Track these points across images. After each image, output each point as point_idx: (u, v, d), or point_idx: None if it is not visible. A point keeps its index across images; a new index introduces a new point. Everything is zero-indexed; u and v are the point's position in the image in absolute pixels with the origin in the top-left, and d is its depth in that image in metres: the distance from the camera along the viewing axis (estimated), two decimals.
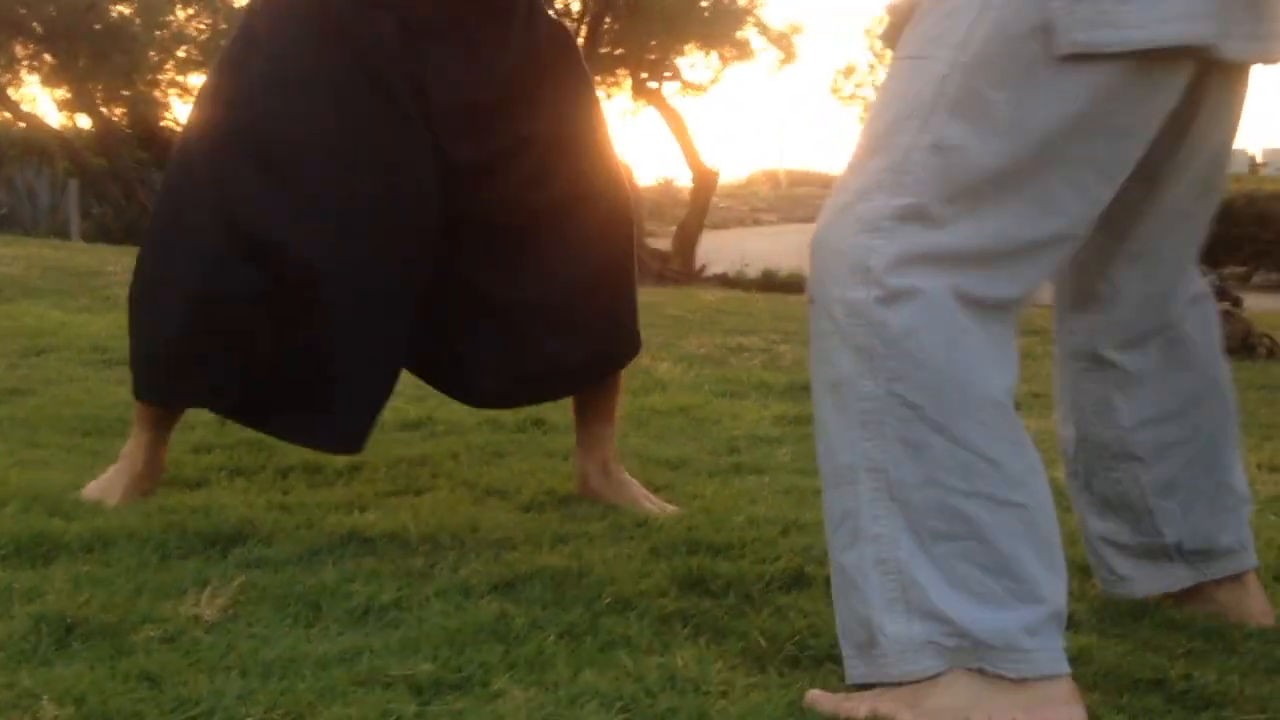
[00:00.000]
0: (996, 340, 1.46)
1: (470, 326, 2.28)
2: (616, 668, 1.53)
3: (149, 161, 17.39)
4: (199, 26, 18.15)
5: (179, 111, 18.35)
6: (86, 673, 1.47)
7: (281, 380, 2.17)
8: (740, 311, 6.62)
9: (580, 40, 16.85)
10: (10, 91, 17.52)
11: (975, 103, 1.45)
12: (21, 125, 18.14)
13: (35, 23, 16.46)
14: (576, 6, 17.54)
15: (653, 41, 18.62)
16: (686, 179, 19.30)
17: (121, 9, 17.36)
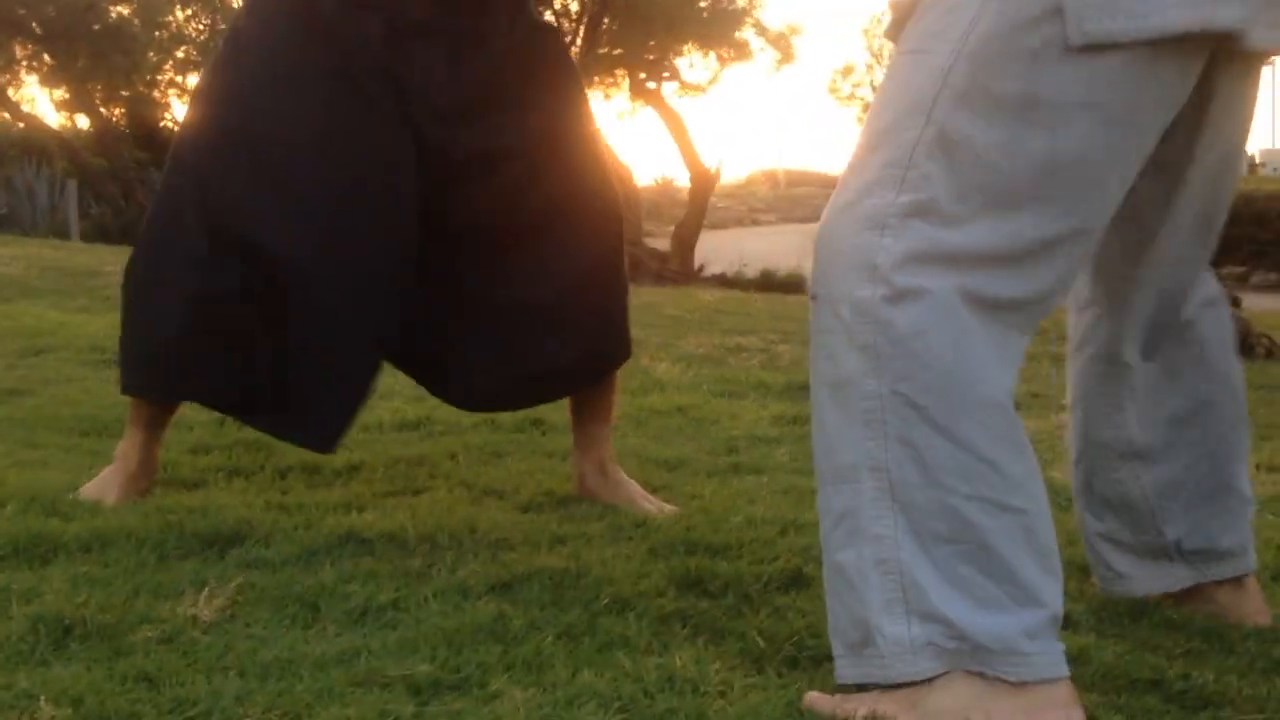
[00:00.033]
0: (998, 341, 1.44)
1: (464, 328, 2.28)
2: (614, 668, 1.53)
3: (148, 161, 17.42)
4: (198, 27, 18.18)
5: (178, 112, 18.42)
6: (84, 673, 1.46)
7: (274, 378, 2.17)
8: (739, 311, 6.62)
9: (578, 41, 16.91)
10: (9, 92, 17.53)
11: (980, 95, 1.41)
12: (20, 125, 18.16)
13: (34, 23, 16.47)
14: (575, 7, 17.56)
15: (651, 42, 18.65)
16: (685, 179, 19.33)
17: (120, 9, 17.38)
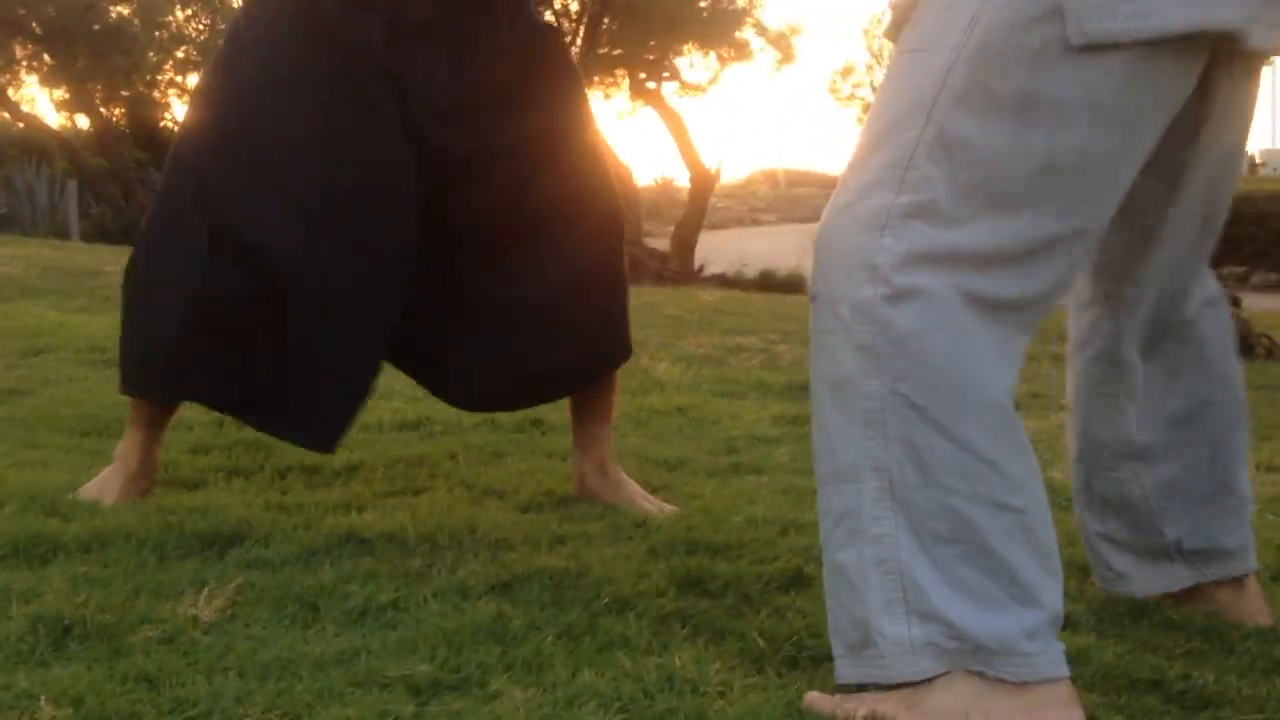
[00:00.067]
0: (998, 341, 1.44)
1: (465, 328, 2.28)
2: (614, 668, 1.53)
3: (148, 162, 17.43)
4: (198, 27, 18.18)
5: (178, 112, 18.43)
6: (84, 673, 1.46)
7: (274, 378, 2.17)
8: (739, 311, 6.62)
9: (578, 41, 16.90)
10: (9, 92, 17.53)
11: (980, 95, 1.41)
12: (20, 125, 18.16)
13: (34, 23, 16.47)
14: (575, 7, 17.57)
15: (651, 42, 18.65)
16: (685, 179, 19.34)
17: (120, 9, 17.38)
